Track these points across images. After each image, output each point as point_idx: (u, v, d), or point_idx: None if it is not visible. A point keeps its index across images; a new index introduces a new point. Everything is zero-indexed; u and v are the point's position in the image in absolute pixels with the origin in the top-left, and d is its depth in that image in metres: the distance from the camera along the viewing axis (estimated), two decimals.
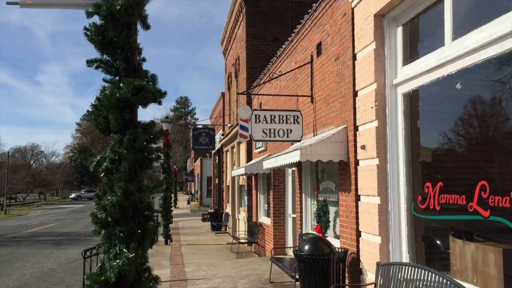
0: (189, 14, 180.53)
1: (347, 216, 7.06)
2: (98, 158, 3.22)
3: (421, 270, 4.98)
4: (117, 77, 3.36)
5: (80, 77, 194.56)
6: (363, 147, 6.32)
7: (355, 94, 6.76)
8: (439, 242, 5.70)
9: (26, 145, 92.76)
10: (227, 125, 22.50)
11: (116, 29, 3.35)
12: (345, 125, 7.15)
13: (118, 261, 2.98)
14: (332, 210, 8.38)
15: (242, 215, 17.65)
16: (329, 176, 8.61)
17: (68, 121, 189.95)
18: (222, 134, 23.39)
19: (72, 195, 75.97)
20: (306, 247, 6.62)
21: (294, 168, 10.84)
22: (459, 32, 4.79)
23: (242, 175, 14.95)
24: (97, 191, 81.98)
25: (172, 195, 37.85)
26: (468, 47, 4.55)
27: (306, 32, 9.26)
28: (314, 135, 8.66)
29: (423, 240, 5.86)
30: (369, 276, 6.21)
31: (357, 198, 6.64)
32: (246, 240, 14.47)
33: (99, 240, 3.28)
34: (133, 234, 3.16)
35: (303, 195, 9.69)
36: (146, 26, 3.46)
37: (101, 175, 3.22)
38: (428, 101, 5.82)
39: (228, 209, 21.80)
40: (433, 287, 4.75)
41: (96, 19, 3.42)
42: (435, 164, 5.63)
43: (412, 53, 5.86)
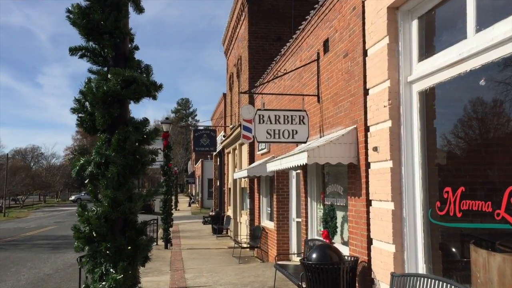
0: (190, 16, 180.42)
1: (357, 222, 6.65)
2: (81, 161, 2.80)
3: (442, 283, 4.57)
4: (105, 67, 2.93)
5: (81, 79, 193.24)
6: (375, 149, 5.92)
7: (366, 92, 6.36)
8: (458, 252, 5.29)
9: (27, 147, 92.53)
10: (228, 126, 22.11)
11: (103, 11, 2.91)
12: (355, 126, 6.75)
13: (104, 283, 2.56)
14: (339, 215, 7.97)
15: (244, 219, 17.24)
16: (337, 179, 8.20)
17: (69, 123, 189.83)
18: (224, 136, 22.99)
19: (72, 197, 75.54)
20: (314, 256, 6.22)
21: (299, 170, 10.43)
22: (483, 23, 4.40)
23: (245, 177, 14.54)
24: None
25: (172, 197, 37.58)
26: (494, 39, 4.15)
27: (312, 29, 8.86)
28: (321, 136, 8.26)
29: (440, 249, 5.45)
30: (382, 287, 5.80)
31: (368, 203, 6.24)
32: (248, 245, 14.06)
33: None
34: (122, 251, 2.73)
35: (309, 198, 9.29)
36: (139, 9, 3.02)
37: (86, 181, 2.81)
38: (447, 100, 5.42)
39: (229, 212, 21.38)
40: None
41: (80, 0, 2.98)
42: (455, 168, 5.23)
43: (428, 48, 5.46)
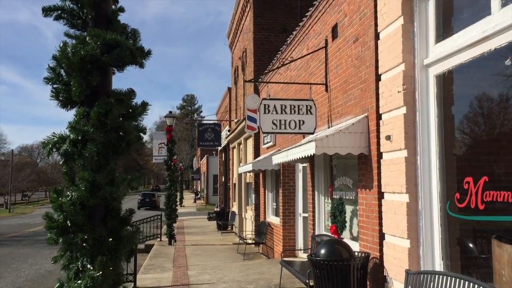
0: (195, 12, 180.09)
1: (367, 216, 6.28)
2: (55, 139, 2.43)
3: (464, 282, 4.18)
4: (85, 32, 2.58)
5: None
6: (388, 138, 5.54)
7: (378, 78, 5.98)
8: (478, 247, 4.91)
9: (33, 143, 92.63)
10: (233, 120, 21.75)
11: None
12: (366, 114, 6.37)
13: (79, 281, 2.21)
14: (349, 209, 7.60)
15: (249, 214, 16.89)
16: (345, 171, 7.83)
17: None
18: (229, 130, 22.64)
19: None
20: (323, 251, 5.85)
21: (305, 164, 10.07)
22: None
23: (250, 171, 14.18)
24: None
25: (178, 193, 37.30)
26: None
27: (319, 15, 8.47)
28: (329, 127, 7.88)
29: (458, 244, 5.08)
30: (395, 285, 5.44)
31: (380, 195, 5.87)
32: (254, 241, 13.72)
33: None
34: (102, 244, 2.37)
35: (316, 192, 8.92)
36: None
37: (60, 162, 2.46)
38: (466, 83, 5.03)
39: (234, 208, 21.06)
40: None
41: None
42: (476, 157, 4.84)
43: (447, 28, 5.06)
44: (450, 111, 5.14)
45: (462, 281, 4.24)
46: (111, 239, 2.38)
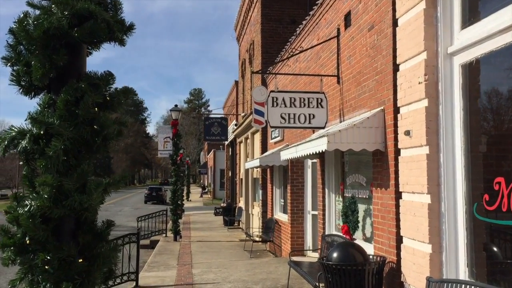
0: (203, 6, 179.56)
1: (383, 217, 5.85)
2: (13, 133, 2.00)
3: None
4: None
5: (95, 69, 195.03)
6: (407, 133, 5.10)
7: (396, 68, 5.53)
8: (507, 253, 4.48)
9: None
10: (240, 114, 21.33)
11: None
12: (382, 107, 5.92)
13: None
14: (361, 208, 7.18)
15: (256, 210, 16.51)
16: (358, 168, 7.39)
17: None
18: (236, 124, 22.23)
19: None
20: (335, 255, 5.44)
21: (315, 160, 9.64)
22: None
23: (257, 167, 13.78)
24: None
25: (184, 187, 36.99)
26: None
27: (331, 2, 8.01)
28: (341, 121, 7.44)
29: (485, 250, 4.64)
30: None
31: (398, 195, 5.43)
32: (261, 238, 13.34)
33: None
34: (71, 266, 1.92)
35: (326, 190, 8.49)
36: None
37: (20, 163, 2.04)
38: (496, 74, 4.58)
39: (241, 204, 20.69)
40: None
41: None
42: (507, 155, 4.39)
43: (474, 12, 4.60)
44: (476, 104, 4.68)
45: None
46: (81, 260, 1.93)
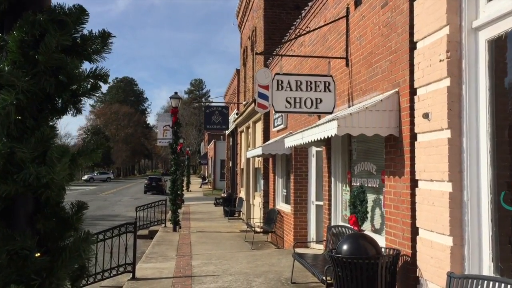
0: None
1: (396, 207, 5.46)
2: None
3: None
4: None
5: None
6: (425, 116, 4.69)
7: (413, 47, 5.11)
8: None
9: None
10: (241, 103, 20.89)
11: None
12: (396, 89, 5.50)
13: None
14: (371, 198, 6.79)
15: (258, 201, 16.14)
16: (367, 155, 6.99)
17: (83, 103, 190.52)
18: (237, 114, 21.80)
19: (85, 177, 75.20)
20: (345, 247, 5.05)
21: (320, 148, 9.24)
22: None
23: (259, 156, 13.38)
24: (109, 173, 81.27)
25: (184, 178, 36.61)
26: None
27: None
28: (350, 106, 7.02)
29: (510, 243, 4.25)
30: None
31: (414, 183, 5.04)
32: (262, 229, 12.96)
33: (105, 225, 1.70)
34: (25, 261, 1.50)
35: (333, 179, 8.09)
36: None
37: None
38: None
39: (242, 194, 20.32)
40: None
41: None
42: None
43: None
44: (503, 84, 4.27)
45: None
46: (41, 254, 1.51)
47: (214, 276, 8.41)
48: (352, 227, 6.91)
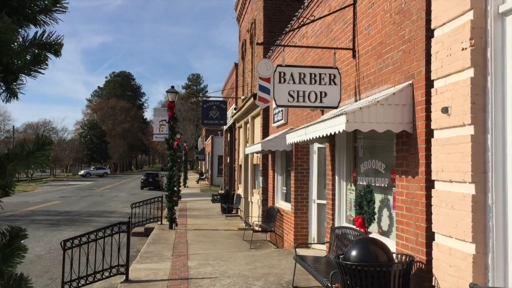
0: None
1: (409, 209, 5.04)
2: None
3: None
4: None
5: (92, 54, 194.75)
6: (444, 110, 4.27)
7: (430, 35, 4.68)
8: None
9: (38, 121, 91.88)
10: (240, 97, 20.44)
11: None
12: (410, 82, 5.08)
13: None
14: (378, 198, 6.38)
15: (256, 198, 15.73)
16: (374, 153, 6.58)
17: (80, 98, 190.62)
18: (235, 109, 21.35)
19: (81, 172, 74.68)
20: (354, 253, 4.64)
21: (322, 144, 8.81)
22: None
23: (258, 152, 12.96)
24: (106, 168, 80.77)
25: (181, 173, 36.17)
26: None
27: None
28: (356, 100, 6.60)
29: None
30: None
31: (429, 184, 4.62)
32: (261, 228, 12.56)
33: (100, 222, 1.33)
34: None
35: (337, 177, 7.68)
36: None
37: None
38: None
39: (240, 191, 19.90)
40: None
41: None
42: None
43: None
44: None
45: None
46: None
47: (211, 279, 8.01)
48: (358, 228, 6.51)
